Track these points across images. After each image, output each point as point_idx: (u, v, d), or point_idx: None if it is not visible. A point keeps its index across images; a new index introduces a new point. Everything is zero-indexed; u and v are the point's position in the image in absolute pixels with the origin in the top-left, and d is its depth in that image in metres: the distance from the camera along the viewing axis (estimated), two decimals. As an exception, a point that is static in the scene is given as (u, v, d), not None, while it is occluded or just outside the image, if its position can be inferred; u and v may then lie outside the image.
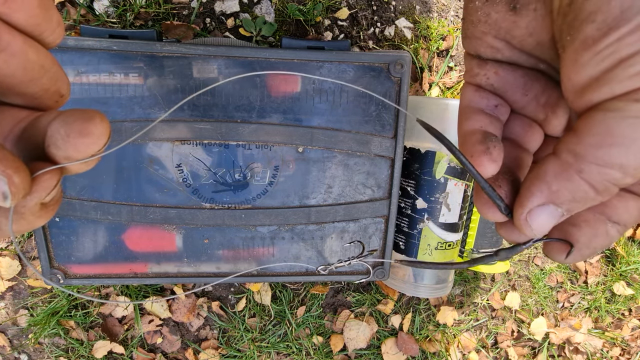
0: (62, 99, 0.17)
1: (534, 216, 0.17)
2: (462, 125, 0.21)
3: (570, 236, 0.18)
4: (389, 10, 0.59)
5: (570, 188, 0.16)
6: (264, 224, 0.45)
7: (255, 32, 0.54)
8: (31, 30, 0.14)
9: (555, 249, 0.19)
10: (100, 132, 0.14)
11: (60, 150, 0.14)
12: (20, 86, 0.15)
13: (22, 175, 0.13)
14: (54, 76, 0.16)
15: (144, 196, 0.42)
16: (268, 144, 0.43)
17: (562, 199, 0.16)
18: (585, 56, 0.14)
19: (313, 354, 0.67)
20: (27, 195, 0.14)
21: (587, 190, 0.15)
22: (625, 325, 0.82)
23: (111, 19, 0.52)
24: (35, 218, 0.15)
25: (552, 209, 0.17)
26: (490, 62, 0.21)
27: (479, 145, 0.19)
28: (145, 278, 0.45)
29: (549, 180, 0.16)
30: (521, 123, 0.21)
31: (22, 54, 0.14)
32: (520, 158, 0.21)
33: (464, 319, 0.74)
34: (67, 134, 0.14)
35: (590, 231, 0.18)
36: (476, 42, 0.20)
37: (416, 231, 0.49)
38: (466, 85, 0.22)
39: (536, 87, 0.20)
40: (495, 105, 0.21)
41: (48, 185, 0.14)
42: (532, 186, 0.17)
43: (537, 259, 0.76)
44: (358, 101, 0.42)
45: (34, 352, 0.62)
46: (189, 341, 0.65)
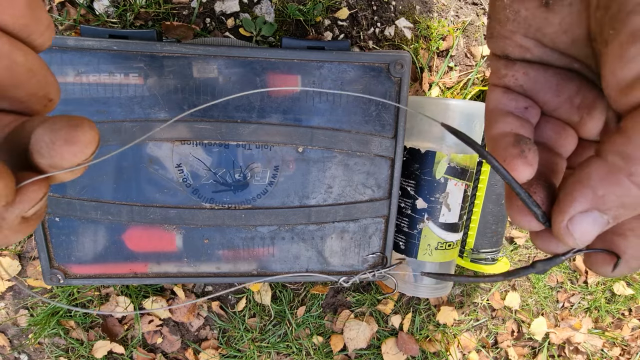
0: (50, 104, 0.16)
1: (576, 224, 0.16)
2: (490, 128, 0.20)
3: (615, 246, 0.17)
4: (389, 10, 0.59)
5: (619, 193, 0.14)
6: (264, 224, 0.45)
7: (255, 32, 0.54)
8: (18, 32, 0.14)
9: (599, 260, 0.17)
10: (88, 139, 0.14)
11: (45, 158, 0.13)
12: (6, 90, 0.14)
13: (5, 181, 0.12)
14: (42, 80, 0.15)
15: (144, 196, 0.42)
16: (268, 144, 0.43)
17: (609, 204, 0.15)
18: (632, 50, 0.13)
19: (313, 354, 0.67)
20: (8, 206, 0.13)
21: (638, 195, 0.14)
22: (625, 325, 0.82)
23: (111, 19, 0.52)
24: (13, 233, 0.14)
25: (597, 215, 0.15)
26: (519, 62, 0.20)
27: (512, 148, 0.18)
28: (145, 278, 0.45)
29: (593, 185, 0.15)
30: (553, 126, 0.20)
31: (8, 57, 0.13)
32: (554, 163, 0.20)
33: (464, 319, 0.74)
34: (52, 141, 0.13)
35: (637, 241, 0.16)
36: (504, 42, 0.19)
37: (416, 231, 0.49)
38: (492, 87, 0.21)
39: (570, 87, 0.19)
40: (525, 108, 0.20)
41: (34, 197, 0.14)
42: (575, 191, 0.15)
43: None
44: (358, 101, 0.42)
45: (34, 352, 0.62)
46: (189, 341, 0.65)
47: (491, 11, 0.20)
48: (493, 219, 0.56)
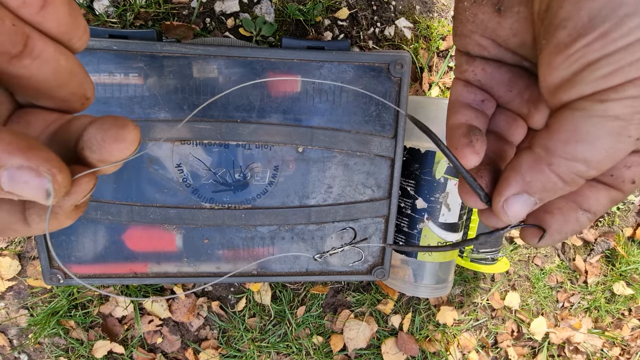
0: (87, 102, 0.18)
1: (509, 204, 0.18)
2: (449, 118, 0.22)
3: (543, 222, 0.20)
4: (389, 10, 0.59)
5: (542, 179, 0.17)
6: (263, 224, 0.45)
7: (255, 32, 0.54)
8: (61, 37, 0.15)
9: (529, 233, 0.20)
10: (133, 138, 0.15)
11: (96, 154, 0.15)
12: (52, 90, 0.16)
13: (64, 175, 0.14)
14: (81, 80, 0.17)
15: (144, 196, 0.42)
16: (268, 144, 0.43)
17: (534, 188, 0.17)
18: (557, 59, 0.15)
19: (313, 354, 0.67)
20: (66, 196, 0.15)
21: (556, 182, 0.17)
22: (625, 325, 0.82)
23: (111, 18, 0.52)
24: (66, 218, 0.16)
25: (526, 197, 0.18)
26: (478, 59, 0.22)
27: (463, 138, 0.20)
28: (145, 278, 0.45)
29: (523, 172, 0.18)
30: (506, 117, 0.23)
31: (54, 61, 0.15)
32: (504, 150, 0.22)
33: (464, 319, 0.74)
34: (103, 140, 0.15)
35: (561, 218, 0.19)
36: (465, 40, 0.22)
37: (416, 231, 0.49)
38: (456, 80, 0.23)
39: (520, 83, 0.22)
40: (481, 100, 0.22)
41: (86, 188, 0.15)
42: (509, 177, 0.18)
43: (537, 259, 0.76)
44: (358, 101, 0.42)
45: (34, 352, 0.62)
46: (189, 341, 0.65)
47: (455, 12, 0.22)
48: (493, 218, 0.56)
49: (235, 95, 0.41)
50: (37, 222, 0.15)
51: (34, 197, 0.13)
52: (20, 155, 0.13)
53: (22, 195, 0.13)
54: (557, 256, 0.78)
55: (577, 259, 0.78)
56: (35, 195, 0.13)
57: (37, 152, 0.13)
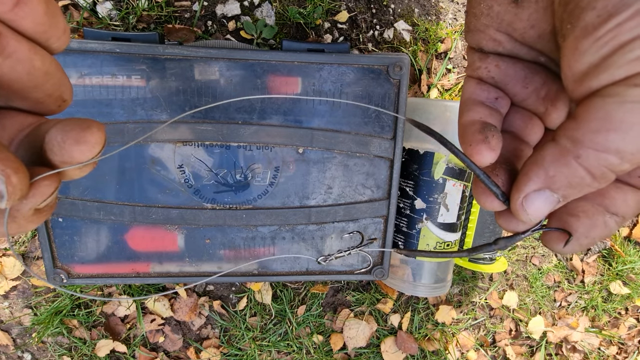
0: (64, 104, 0.17)
1: (530, 201, 0.17)
2: (462, 116, 0.21)
3: (568, 226, 0.18)
4: (388, 13, 0.60)
5: (567, 173, 0.16)
6: (264, 224, 0.45)
7: (256, 34, 0.55)
8: (37, 36, 0.15)
9: (553, 238, 0.19)
10: (96, 140, 0.15)
11: (57, 155, 0.15)
12: (25, 91, 0.15)
13: (20, 176, 0.13)
14: (57, 82, 0.16)
15: (146, 197, 0.43)
16: (269, 145, 0.43)
17: (558, 184, 0.16)
18: (585, 43, 0.14)
19: (313, 353, 0.68)
20: (23, 199, 0.14)
21: (583, 176, 0.15)
22: (622, 324, 0.82)
23: (114, 21, 0.52)
24: (27, 222, 0.15)
25: (548, 194, 0.17)
26: (492, 55, 0.21)
27: (478, 134, 0.19)
28: (147, 278, 0.45)
29: (546, 166, 0.16)
30: (521, 116, 0.21)
31: (28, 61, 0.14)
32: (520, 150, 0.21)
33: (463, 318, 0.74)
34: (63, 141, 0.14)
35: (588, 221, 0.18)
36: (478, 35, 0.21)
37: (415, 231, 0.50)
38: (468, 79, 0.22)
39: (536, 80, 0.21)
40: (495, 98, 0.21)
41: (46, 191, 0.15)
42: (530, 171, 0.17)
43: (534, 258, 0.77)
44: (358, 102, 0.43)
45: (38, 351, 0.62)
46: (191, 340, 0.65)
47: (468, 6, 0.21)
48: (491, 219, 0.57)
49: (237, 98, 0.41)
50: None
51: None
52: None
53: None
54: (555, 256, 0.78)
55: (574, 258, 0.79)
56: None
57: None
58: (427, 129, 0.19)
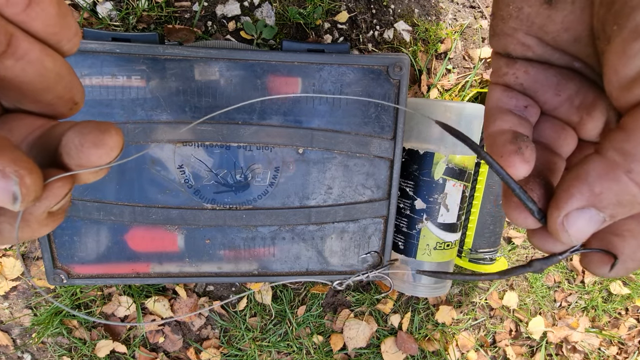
0: (76, 107, 0.17)
1: (571, 220, 0.15)
2: (489, 126, 0.20)
3: (612, 247, 0.16)
4: (388, 13, 0.60)
5: (617, 190, 0.14)
6: (264, 225, 0.45)
7: (256, 35, 0.55)
8: (49, 38, 0.14)
9: (596, 260, 0.17)
10: (114, 144, 0.15)
11: (73, 159, 0.14)
12: (36, 93, 0.15)
13: (34, 177, 0.13)
14: (69, 84, 0.16)
15: (146, 197, 0.43)
16: (269, 146, 0.43)
17: (605, 202, 0.14)
18: (635, 46, 0.13)
19: (313, 353, 0.68)
20: (37, 201, 0.14)
21: (636, 193, 0.14)
22: (622, 324, 0.82)
23: (114, 22, 0.52)
24: (40, 226, 0.15)
25: (594, 213, 0.15)
26: (520, 60, 0.20)
27: (510, 145, 0.18)
28: (147, 278, 0.45)
29: (591, 181, 0.14)
30: (552, 126, 0.20)
31: (39, 62, 0.14)
32: (553, 162, 0.19)
33: (463, 318, 0.74)
34: (81, 144, 0.14)
35: (634, 242, 0.16)
36: (506, 40, 0.19)
37: (415, 231, 0.50)
38: (493, 86, 0.21)
39: (570, 87, 0.19)
40: (524, 106, 0.20)
41: (59, 193, 0.14)
42: (572, 187, 0.15)
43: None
44: (357, 103, 0.43)
45: (38, 352, 0.62)
46: (191, 340, 0.65)
47: (495, 8, 0.20)
48: (491, 219, 0.57)
49: (237, 98, 0.41)
50: (8, 230, 0.14)
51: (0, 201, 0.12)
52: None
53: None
54: (555, 256, 0.78)
55: (574, 258, 0.79)
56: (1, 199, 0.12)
57: (3, 152, 0.12)
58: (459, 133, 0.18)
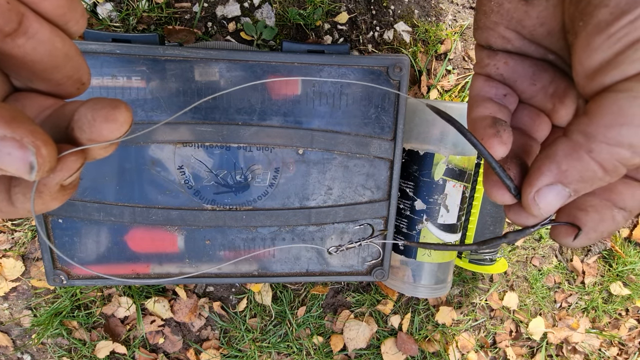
0: (83, 87, 0.17)
1: (542, 195, 0.17)
2: (471, 112, 0.21)
3: (577, 220, 0.18)
4: (388, 14, 0.60)
5: (580, 168, 0.16)
6: (264, 225, 0.45)
7: (256, 35, 0.55)
8: (57, 19, 0.15)
9: (563, 232, 0.19)
10: (124, 119, 0.15)
11: (85, 133, 0.15)
12: (46, 72, 0.16)
13: (50, 149, 0.13)
14: (76, 64, 0.16)
15: (146, 198, 0.43)
16: (269, 146, 0.43)
17: (570, 178, 0.16)
18: (597, 40, 0.15)
19: (313, 354, 0.68)
20: (51, 172, 0.14)
21: (595, 170, 0.16)
22: (622, 325, 0.82)
23: (114, 23, 0.53)
24: (52, 199, 0.16)
25: (560, 188, 0.17)
26: (501, 52, 0.21)
27: (489, 128, 0.19)
28: (147, 279, 0.45)
29: (558, 160, 0.16)
30: (529, 113, 0.22)
31: (49, 42, 0.15)
32: (529, 145, 0.21)
33: (463, 319, 0.74)
34: (93, 118, 0.15)
35: (597, 216, 0.18)
36: (488, 33, 0.21)
37: (415, 232, 0.50)
38: (476, 76, 0.23)
39: (544, 77, 0.21)
40: (504, 95, 0.21)
41: (72, 166, 0.15)
42: (542, 166, 0.17)
43: (534, 259, 0.77)
44: (357, 104, 0.43)
45: (37, 352, 0.62)
46: (191, 341, 0.65)
47: (478, 4, 0.21)
48: (491, 219, 0.57)
49: (237, 98, 0.41)
50: (21, 201, 0.15)
51: (17, 170, 0.13)
52: (3, 125, 0.12)
53: (4, 168, 0.13)
54: (555, 257, 0.78)
55: (574, 259, 0.79)
56: (18, 169, 0.13)
57: (21, 124, 0.13)
58: (447, 116, 0.19)
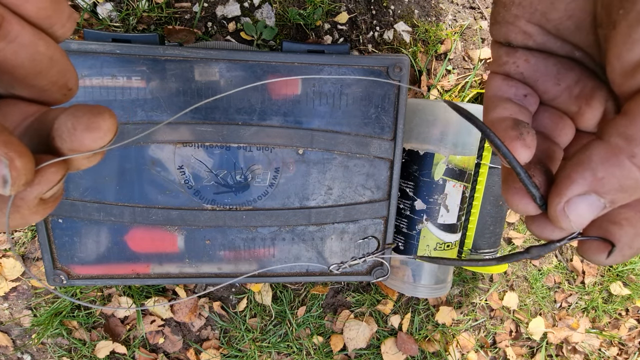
0: (70, 93, 0.16)
1: (572, 206, 0.15)
2: (489, 113, 0.20)
3: (610, 235, 0.16)
4: (388, 14, 0.60)
5: (619, 175, 0.14)
6: (264, 225, 0.45)
7: (256, 35, 0.55)
8: (41, 22, 0.14)
9: (594, 248, 0.17)
10: (108, 127, 0.14)
11: (66, 142, 0.14)
12: (29, 78, 0.15)
13: (25, 160, 0.12)
14: (62, 69, 0.15)
15: (146, 198, 0.43)
16: (269, 146, 0.43)
17: (607, 187, 0.14)
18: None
19: (313, 354, 0.68)
20: (28, 186, 0.13)
21: (638, 178, 0.14)
22: (622, 325, 0.82)
23: (114, 23, 0.53)
24: (31, 214, 0.15)
25: (594, 199, 0.15)
26: (521, 49, 0.20)
27: (512, 131, 0.17)
28: (147, 279, 0.45)
29: (594, 167, 0.14)
30: (551, 115, 0.20)
31: (31, 46, 0.14)
32: (552, 151, 0.19)
33: (463, 319, 0.74)
34: (73, 127, 0.14)
35: (632, 230, 0.16)
36: (507, 28, 0.19)
37: (415, 232, 0.50)
38: (493, 75, 0.21)
39: (570, 76, 0.19)
40: (524, 95, 0.20)
41: (52, 179, 0.14)
42: (574, 173, 0.15)
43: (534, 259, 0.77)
44: (357, 104, 0.43)
45: (37, 352, 0.62)
46: (191, 341, 0.65)
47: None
48: (491, 219, 0.57)
49: (237, 98, 0.41)
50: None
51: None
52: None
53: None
54: (555, 257, 0.78)
55: (574, 259, 0.79)
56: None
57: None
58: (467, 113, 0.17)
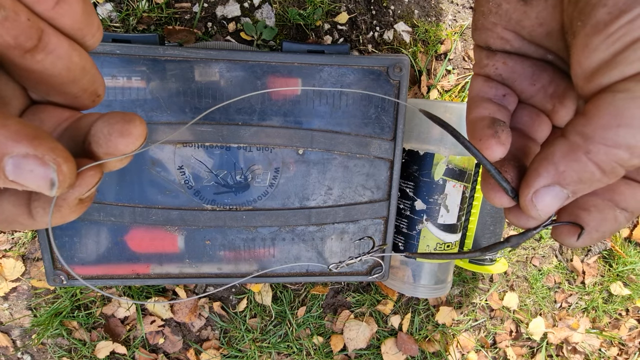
0: (98, 99, 0.18)
1: (539, 197, 0.17)
2: (470, 113, 0.21)
3: (579, 220, 0.18)
4: (388, 14, 0.60)
5: (577, 169, 0.16)
6: (264, 225, 0.45)
7: (256, 36, 0.55)
8: (75, 34, 0.15)
9: (565, 232, 0.19)
10: (139, 133, 0.16)
11: (102, 147, 0.15)
12: (64, 86, 0.16)
13: (70, 165, 0.14)
14: (92, 77, 0.17)
15: (146, 198, 0.43)
16: (269, 146, 0.43)
17: (568, 179, 0.16)
18: (596, 40, 0.14)
19: (313, 354, 0.68)
20: (70, 188, 0.15)
21: (593, 171, 0.15)
22: (622, 325, 0.82)
23: (114, 23, 0.53)
24: (70, 213, 0.16)
25: (558, 190, 0.17)
26: (499, 53, 0.21)
27: (488, 129, 0.19)
28: (147, 279, 0.45)
29: (556, 161, 0.16)
30: (528, 113, 0.22)
31: (67, 56, 0.15)
32: (528, 147, 0.21)
33: (463, 319, 0.74)
34: (109, 133, 0.15)
35: (599, 216, 0.18)
36: (486, 34, 0.21)
37: (415, 232, 0.50)
38: (475, 76, 0.23)
39: (544, 77, 0.21)
40: (503, 95, 0.21)
41: (91, 181, 0.15)
42: (539, 167, 0.17)
43: (534, 259, 0.77)
44: (358, 104, 0.43)
45: (37, 353, 0.62)
46: (191, 341, 0.65)
47: (476, 4, 0.21)
48: (491, 220, 0.57)
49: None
50: (41, 214, 0.15)
51: (39, 187, 0.13)
52: (26, 143, 0.12)
53: (26, 184, 0.13)
54: (555, 257, 0.78)
55: (574, 259, 0.79)
56: (40, 185, 0.13)
57: (43, 141, 0.13)
58: (440, 120, 0.19)
